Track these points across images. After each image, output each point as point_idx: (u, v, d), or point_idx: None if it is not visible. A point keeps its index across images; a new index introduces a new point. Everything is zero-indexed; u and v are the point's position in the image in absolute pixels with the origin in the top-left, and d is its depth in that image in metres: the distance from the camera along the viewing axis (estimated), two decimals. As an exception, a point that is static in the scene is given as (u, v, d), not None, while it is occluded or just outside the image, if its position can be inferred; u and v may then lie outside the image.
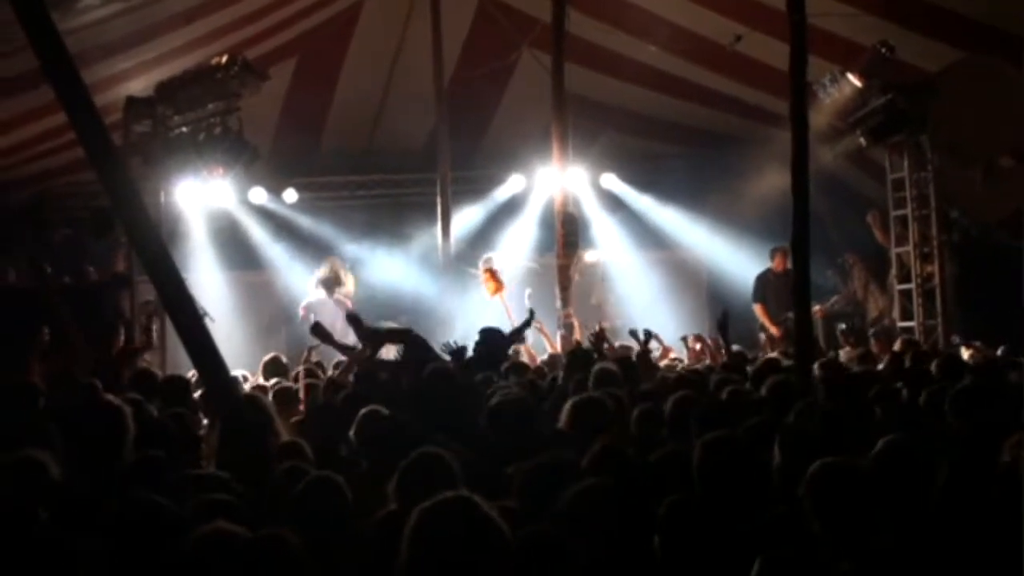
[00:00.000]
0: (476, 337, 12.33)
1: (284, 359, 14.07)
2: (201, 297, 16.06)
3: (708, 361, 14.63)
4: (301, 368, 12.84)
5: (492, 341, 12.37)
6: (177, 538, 4.74)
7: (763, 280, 19.19)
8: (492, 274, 18.58)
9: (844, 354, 15.46)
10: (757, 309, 19.05)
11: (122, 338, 15.77)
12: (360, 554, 5.21)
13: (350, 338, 13.51)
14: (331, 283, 19.84)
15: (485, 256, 19.25)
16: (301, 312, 19.25)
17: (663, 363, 14.52)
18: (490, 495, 4.52)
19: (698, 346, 15.79)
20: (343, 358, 13.04)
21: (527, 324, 13.78)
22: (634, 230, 22.66)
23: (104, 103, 15.52)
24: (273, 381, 12.43)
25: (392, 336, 12.67)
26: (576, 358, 11.69)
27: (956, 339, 16.88)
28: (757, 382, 10.03)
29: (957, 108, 16.69)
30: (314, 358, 14.01)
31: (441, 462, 6.08)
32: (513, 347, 13.54)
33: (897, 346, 14.34)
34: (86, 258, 19.10)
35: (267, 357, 13.99)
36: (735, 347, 14.41)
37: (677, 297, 21.82)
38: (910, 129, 17.65)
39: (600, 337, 13.90)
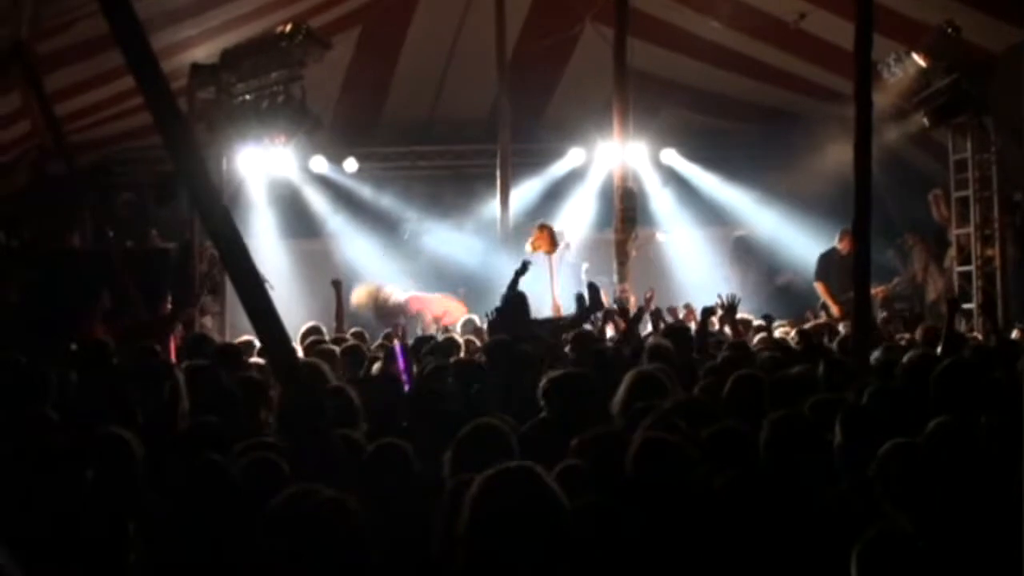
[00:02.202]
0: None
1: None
2: (261, 264, 16.35)
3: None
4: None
5: (514, 307, 12.50)
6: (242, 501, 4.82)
7: (828, 259, 19.07)
8: (545, 230, 18.34)
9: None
10: (819, 287, 18.95)
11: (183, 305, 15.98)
12: (421, 522, 5.26)
13: None
14: None
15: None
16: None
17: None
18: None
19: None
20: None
21: (586, 311, 13.51)
22: (693, 206, 22.61)
23: (169, 69, 15.60)
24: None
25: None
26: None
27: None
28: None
29: (1021, 89, 16.53)
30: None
31: (497, 433, 6.14)
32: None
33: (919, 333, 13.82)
34: (149, 223, 19.28)
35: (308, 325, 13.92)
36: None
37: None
38: (974, 110, 17.51)
39: (650, 308, 13.92)
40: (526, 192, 21.83)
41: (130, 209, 19.64)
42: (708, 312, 12.28)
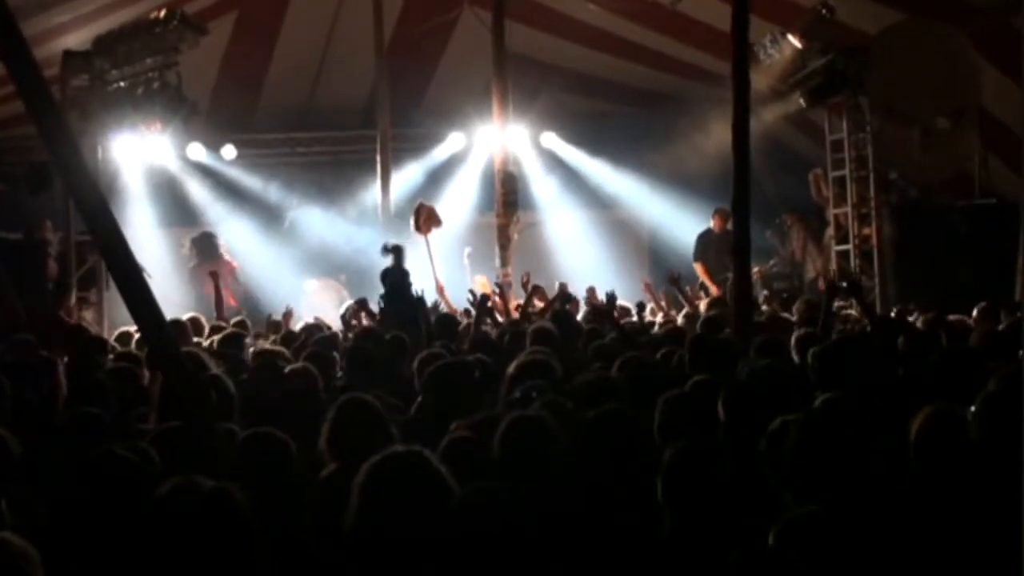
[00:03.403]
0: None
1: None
2: (139, 254, 16.13)
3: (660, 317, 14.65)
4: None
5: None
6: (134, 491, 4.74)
7: (704, 240, 19.20)
8: (424, 209, 18.11)
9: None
10: (698, 268, 19.04)
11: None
12: (308, 509, 5.21)
13: None
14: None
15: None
16: None
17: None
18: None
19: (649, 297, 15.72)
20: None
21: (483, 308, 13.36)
22: (574, 189, 22.69)
23: (41, 57, 15.27)
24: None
25: None
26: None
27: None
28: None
29: (895, 70, 16.77)
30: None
31: (366, 407, 6.13)
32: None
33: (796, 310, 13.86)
34: (21, 214, 18.91)
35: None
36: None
37: (618, 257, 21.84)
38: (849, 90, 17.72)
39: (533, 291, 13.94)
40: (407, 177, 21.75)
41: (2, 199, 19.25)
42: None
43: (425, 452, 4.30)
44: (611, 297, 12.75)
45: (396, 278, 13.96)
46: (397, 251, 14.54)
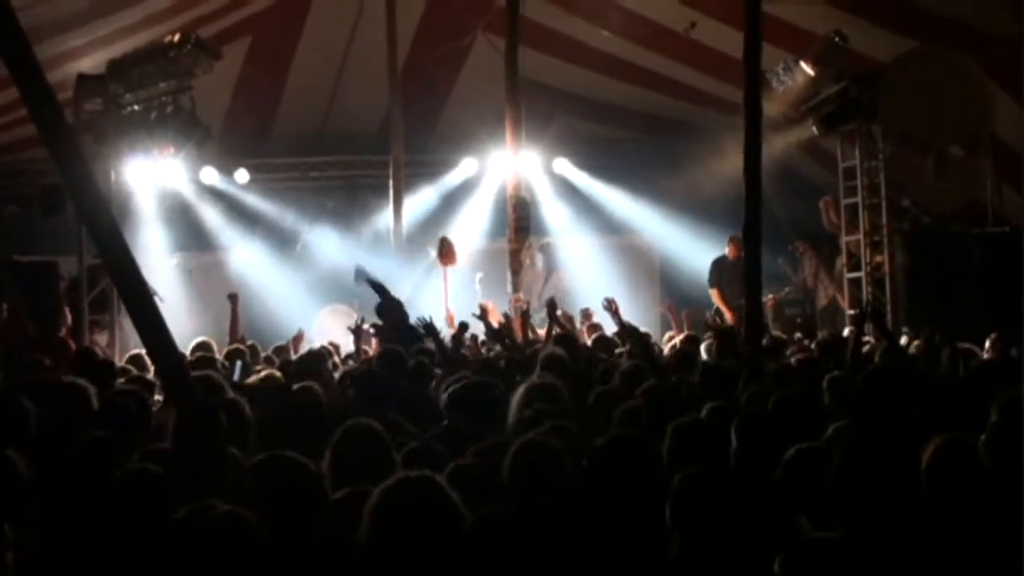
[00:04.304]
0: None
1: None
2: (151, 277, 16.15)
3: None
4: None
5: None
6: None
7: (719, 266, 19.15)
8: (447, 246, 18.49)
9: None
10: (714, 294, 19.02)
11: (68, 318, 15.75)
12: (320, 533, 5.20)
13: None
14: None
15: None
16: None
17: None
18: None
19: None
20: None
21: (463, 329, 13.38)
22: (586, 215, 22.69)
23: (55, 80, 15.33)
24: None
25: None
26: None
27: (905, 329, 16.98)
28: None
29: (908, 97, 16.79)
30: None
31: (370, 433, 6.12)
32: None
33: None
34: (35, 237, 18.96)
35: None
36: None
37: (630, 282, 21.82)
38: (862, 118, 17.73)
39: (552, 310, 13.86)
40: (420, 203, 21.78)
41: (15, 222, 19.30)
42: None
43: (436, 477, 4.31)
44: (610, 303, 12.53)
45: (392, 312, 13.74)
46: (377, 287, 14.39)
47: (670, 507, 5.11)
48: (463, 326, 13.03)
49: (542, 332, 13.89)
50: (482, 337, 13.41)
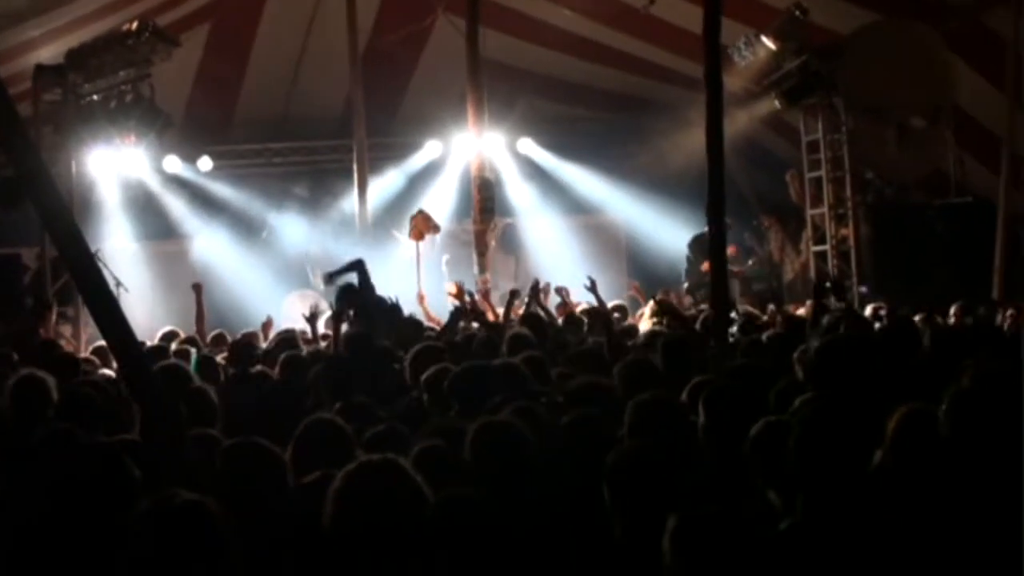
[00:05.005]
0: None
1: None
2: (115, 267, 16.08)
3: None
4: None
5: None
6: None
7: (702, 241, 19.08)
8: (419, 216, 18.46)
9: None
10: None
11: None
12: (284, 519, 5.18)
13: None
14: None
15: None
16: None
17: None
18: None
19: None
20: None
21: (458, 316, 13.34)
22: (552, 195, 22.68)
23: (13, 72, 15.32)
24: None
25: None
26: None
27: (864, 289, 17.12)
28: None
29: (870, 69, 16.84)
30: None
31: (334, 427, 6.10)
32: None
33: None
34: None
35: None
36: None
37: (596, 261, 21.79)
38: (823, 91, 17.80)
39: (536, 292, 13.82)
40: (384, 186, 21.72)
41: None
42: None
43: (400, 460, 4.31)
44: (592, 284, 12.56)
45: (358, 299, 13.66)
46: (349, 268, 14.38)
47: (605, 486, 5.06)
48: (457, 312, 13.01)
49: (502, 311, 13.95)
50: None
